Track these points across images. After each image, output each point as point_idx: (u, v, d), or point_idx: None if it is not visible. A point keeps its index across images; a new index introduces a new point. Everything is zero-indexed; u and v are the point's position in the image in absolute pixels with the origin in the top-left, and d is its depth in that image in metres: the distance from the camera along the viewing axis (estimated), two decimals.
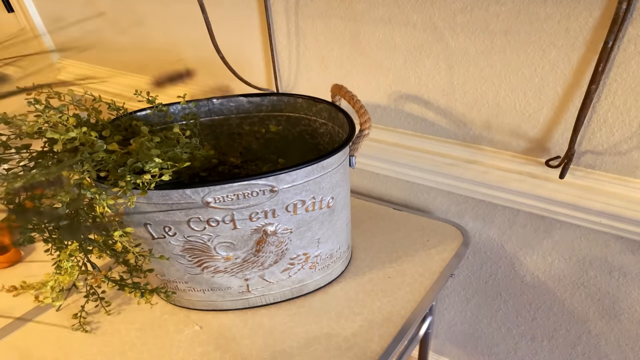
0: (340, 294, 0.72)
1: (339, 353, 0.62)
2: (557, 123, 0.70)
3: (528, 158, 0.75)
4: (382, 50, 0.79)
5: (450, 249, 0.80)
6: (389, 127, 0.87)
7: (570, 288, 0.84)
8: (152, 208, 0.55)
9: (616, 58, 0.61)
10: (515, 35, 0.66)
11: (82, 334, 0.67)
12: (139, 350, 0.64)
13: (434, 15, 0.70)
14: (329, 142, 0.73)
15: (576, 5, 0.60)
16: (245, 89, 0.97)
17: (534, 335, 0.96)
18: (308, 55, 0.88)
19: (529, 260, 0.86)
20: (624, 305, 0.80)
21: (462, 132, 0.79)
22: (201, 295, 0.68)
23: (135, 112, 0.68)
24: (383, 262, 0.78)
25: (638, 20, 0.57)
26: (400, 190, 0.94)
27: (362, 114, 0.62)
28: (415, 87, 0.80)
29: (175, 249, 0.60)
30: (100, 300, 0.68)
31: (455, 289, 1.02)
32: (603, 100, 0.64)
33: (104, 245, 0.57)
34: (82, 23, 1.22)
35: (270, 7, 0.86)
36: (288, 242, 0.63)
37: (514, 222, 0.83)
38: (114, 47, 1.21)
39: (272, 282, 0.68)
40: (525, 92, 0.70)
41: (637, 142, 0.65)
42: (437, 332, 1.14)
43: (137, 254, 0.58)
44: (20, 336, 0.68)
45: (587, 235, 0.76)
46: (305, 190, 0.58)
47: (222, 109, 0.74)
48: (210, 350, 0.64)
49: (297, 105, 0.73)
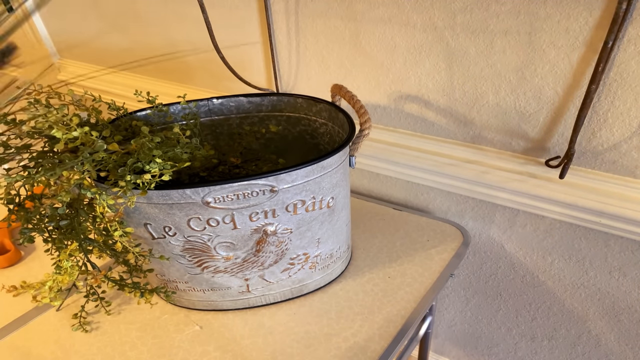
0: (340, 294, 0.72)
1: (339, 353, 0.62)
2: (557, 123, 0.70)
3: (528, 158, 0.75)
4: (382, 50, 0.79)
5: (450, 249, 0.80)
6: (389, 127, 0.87)
7: (570, 288, 0.84)
8: (152, 208, 0.56)
9: (616, 58, 0.61)
10: (515, 35, 0.66)
11: (82, 334, 0.67)
12: (139, 350, 0.64)
13: (434, 15, 0.70)
14: (329, 142, 0.73)
15: (576, 5, 0.60)
16: (245, 89, 0.97)
17: (534, 335, 0.96)
18: (308, 55, 0.88)
19: (529, 260, 0.86)
20: (624, 305, 0.80)
21: (462, 132, 0.80)
22: (201, 295, 0.68)
23: (135, 112, 0.68)
24: (383, 262, 0.78)
25: (638, 20, 0.57)
26: (400, 190, 0.94)
27: (362, 114, 0.62)
28: (415, 87, 0.80)
29: (175, 249, 0.60)
30: (100, 300, 0.68)
31: (455, 289, 1.02)
32: (603, 100, 0.64)
33: (104, 245, 0.57)
34: (82, 23, 1.22)
35: (270, 7, 0.86)
36: (288, 242, 0.63)
37: (514, 222, 0.83)
38: (114, 47, 1.21)
39: (272, 282, 0.68)
40: (525, 92, 0.70)
41: (637, 142, 0.65)
42: (437, 332, 1.14)
43: (137, 254, 0.58)
44: (20, 336, 0.68)
45: (587, 235, 0.76)
46: (305, 190, 0.58)
47: (222, 109, 0.74)
48: (210, 350, 0.64)
49: (297, 105, 0.73)
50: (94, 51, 1.28)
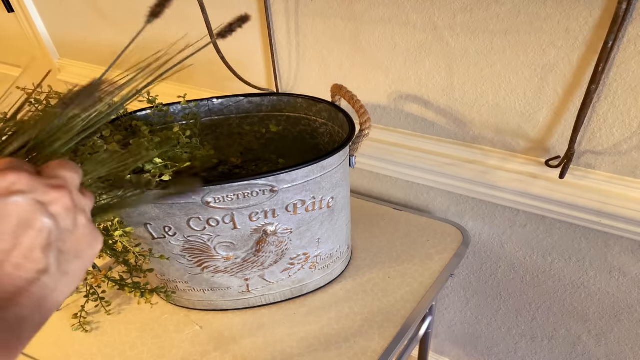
0: (340, 294, 0.72)
1: (339, 353, 0.62)
2: (557, 123, 0.70)
3: (528, 158, 0.75)
4: (382, 50, 0.79)
5: (450, 249, 0.80)
6: (389, 127, 0.87)
7: (570, 288, 0.84)
8: (152, 208, 0.56)
9: (616, 58, 0.61)
10: (515, 35, 0.66)
11: (82, 334, 0.67)
12: (139, 350, 0.64)
13: (434, 15, 0.70)
14: (329, 142, 0.73)
15: (576, 5, 0.60)
16: (245, 89, 0.97)
17: (534, 335, 0.96)
18: (308, 55, 0.88)
19: (529, 260, 0.86)
20: (623, 305, 0.80)
21: (462, 132, 0.80)
22: (201, 295, 0.68)
23: (135, 112, 0.68)
24: (383, 262, 0.78)
25: (638, 20, 0.57)
26: (400, 190, 0.94)
27: (362, 114, 0.62)
28: (415, 87, 0.80)
29: (175, 249, 0.60)
30: (100, 300, 0.68)
31: (455, 289, 1.02)
32: (603, 100, 0.64)
33: (104, 245, 0.57)
34: (82, 23, 1.22)
35: (270, 7, 0.86)
36: (288, 242, 0.63)
37: (514, 222, 0.83)
38: (114, 46, 1.21)
39: (272, 282, 0.68)
40: (525, 92, 0.70)
41: (637, 142, 0.65)
42: (437, 332, 1.14)
43: (137, 254, 0.58)
44: None
45: (587, 235, 0.76)
46: (305, 190, 0.58)
47: (222, 109, 0.74)
48: (210, 350, 0.64)
49: (297, 105, 0.73)
50: (94, 51, 1.28)
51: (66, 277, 0.28)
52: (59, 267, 0.27)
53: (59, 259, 0.27)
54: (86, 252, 0.29)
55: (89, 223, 0.29)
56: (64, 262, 0.27)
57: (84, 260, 0.29)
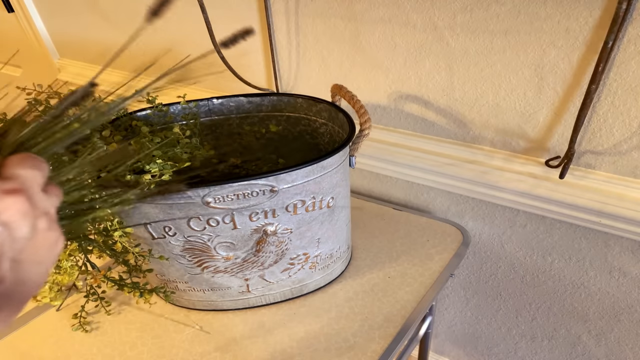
0: (340, 294, 0.72)
1: (339, 353, 0.62)
2: (557, 123, 0.70)
3: (528, 158, 0.75)
4: (382, 50, 0.79)
5: (450, 249, 0.80)
6: (389, 127, 0.87)
7: (570, 288, 0.84)
8: (152, 208, 0.55)
9: (616, 58, 0.61)
10: (515, 35, 0.66)
11: (82, 334, 0.67)
12: (139, 350, 0.64)
13: (434, 15, 0.70)
14: (329, 142, 0.73)
15: (576, 5, 0.60)
16: (245, 89, 0.97)
17: (534, 335, 0.96)
18: (308, 55, 0.88)
19: (529, 260, 0.86)
20: (623, 305, 0.80)
21: (462, 132, 0.79)
22: (201, 295, 0.68)
23: (135, 112, 0.68)
24: (383, 262, 0.78)
25: (638, 20, 0.57)
26: (400, 190, 0.94)
27: (362, 114, 0.62)
28: (415, 87, 0.80)
29: (175, 249, 0.60)
30: (100, 300, 0.68)
31: (455, 289, 1.02)
32: (603, 100, 0.64)
33: (104, 245, 0.57)
34: (82, 23, 1.22)
35: (270, 7, 0.86)
36: (288, 242, 0.63)
37: (514, 222, 0.83)
38: (114, 47, 1.21)
39: (272, 282, 0.68)
40: (525, 92, 0.70)
41: (637, 142, 0.65)
42: (437, 332, 1.14)
43: (137, 254, 0.58)
44: (20, 336, 0.68)
45: (587, 235, 0.76)
46: (305, 190, 0.58)
47: (222, 109, 0.74)
48: (210, 350, 0.64)
49: (297, 105, 0.73)
50: (94, 51, 1.28)
51: (24, 285, 0.25)
52: (16, 277, 0.25)
53: (16, 268, 0.25)
54: (47, 256, 0.27)
55: (50, 225, 0.26)
56: (21, 271, 0.25)
57: (46, 264, 0.27)
